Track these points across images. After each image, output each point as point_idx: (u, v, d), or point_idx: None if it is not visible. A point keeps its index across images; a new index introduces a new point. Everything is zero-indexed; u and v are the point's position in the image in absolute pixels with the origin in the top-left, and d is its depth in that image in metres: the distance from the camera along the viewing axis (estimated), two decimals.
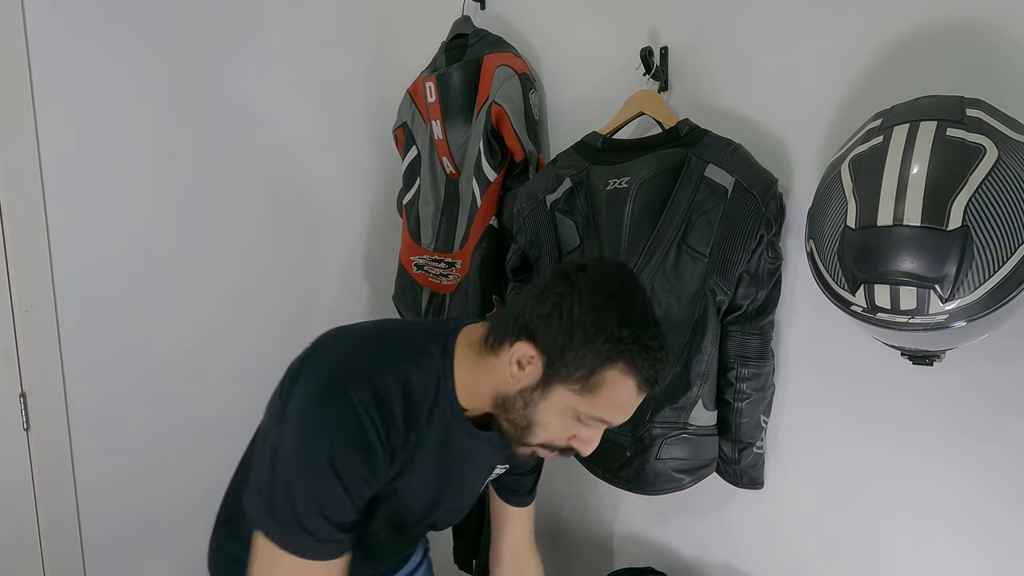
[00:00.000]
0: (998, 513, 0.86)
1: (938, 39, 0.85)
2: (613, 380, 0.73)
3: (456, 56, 1.39)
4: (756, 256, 0.97)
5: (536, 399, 0.76)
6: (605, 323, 0.72)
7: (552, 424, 0.77)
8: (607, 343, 0.72)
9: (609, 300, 0.74)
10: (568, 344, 0.73)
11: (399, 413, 0.75)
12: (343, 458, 0.72)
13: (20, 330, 1.25)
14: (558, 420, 0.76)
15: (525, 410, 0.77)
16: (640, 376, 0.74)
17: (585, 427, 0.78)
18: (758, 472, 1.06)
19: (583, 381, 0.73)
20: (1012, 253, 0.65)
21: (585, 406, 0.75)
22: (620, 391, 0.74)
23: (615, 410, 0.76)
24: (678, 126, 1.04)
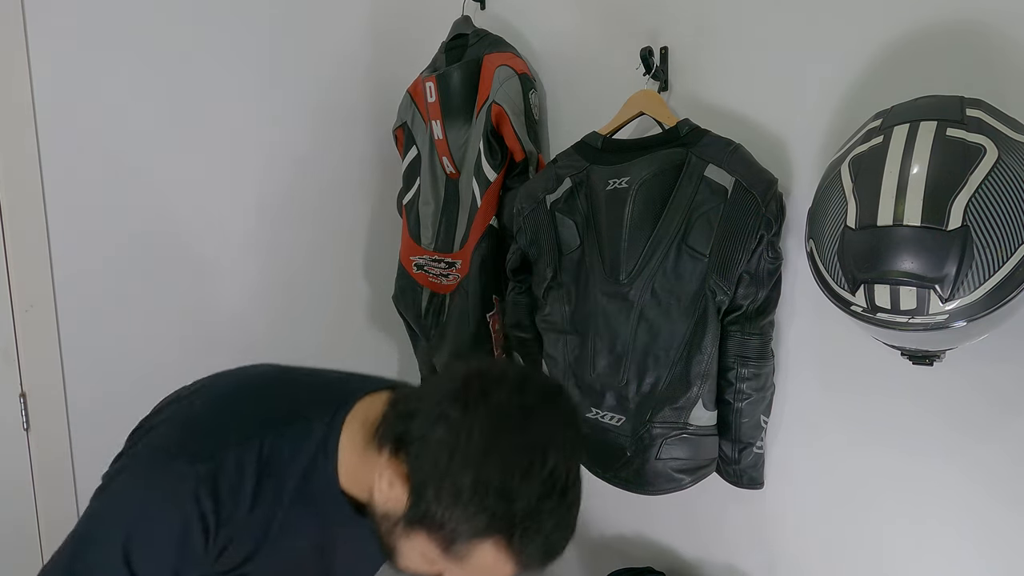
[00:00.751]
0: (998, 513, 0.86)
1: (938, 39, 0.85)
2: (484, 554, 0.58)
3: (456, 56, 1.39)
4: (756, 256, 0.97)
5: (398, 532, 0.62)
6: (488, 484, 0.56)
7: (415, 562, 0.64)
8: (483, 513, 0.56)
9: (507, 451, 0.57)
10: (438, 494, 0.57)
11: (248, 492, 0.63)
12: (139, 546, 0.60)
13: (20, 330, 1.25)
14: (421, 562, 0.63)
15: (388, 536, 0.64)
16: (519, 558, 0.59)
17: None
18: (758, 472, 1.06)
19: (448, 542, 0.59)
20: (1012, 253, 0.65)
21: (447, 567, 0.61)
22: (492, 568, 0.60)
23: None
24: (678, 126, 1.04)
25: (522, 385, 0.61)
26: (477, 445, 0.57)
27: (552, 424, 0.61)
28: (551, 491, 0.58)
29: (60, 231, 1.27)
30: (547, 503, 0.57)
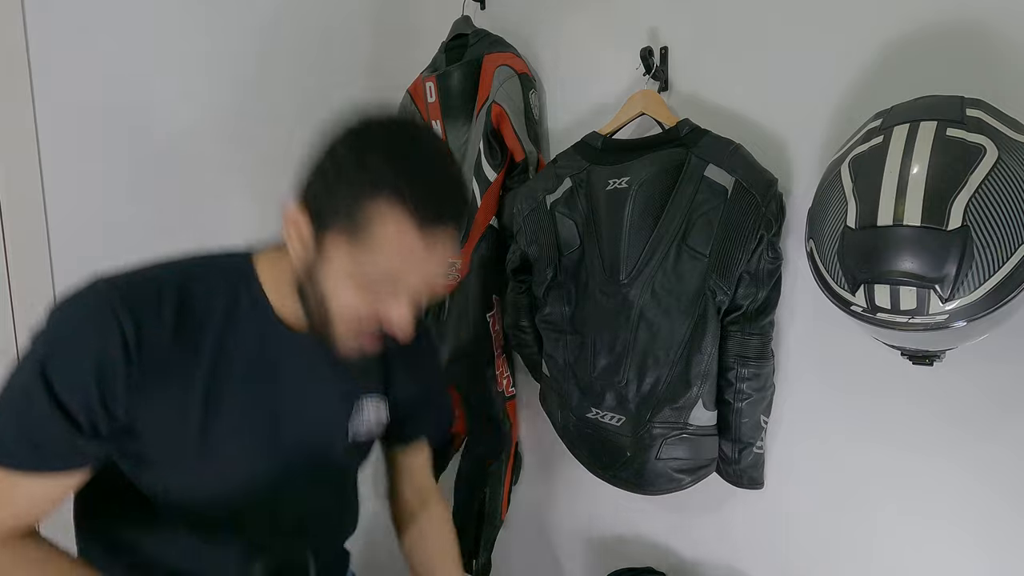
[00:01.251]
0: (999, 512, 0.86)
1: (938, 39, 0.85)
2: (381, 216, 0.60)
3: (456, 56, 1.39)
4: (756, 256, 0.97)
5: (317, 265, 0.65)
6: (367, 153, 0.61)
7: (343, 295, 0.64)
8: (366, 172, 0.61)
9: (377, 133, 0.63)
10: (324, 185, 0.63)
11: (169, 315, 0.64)
12: (57, 363, 0.60)
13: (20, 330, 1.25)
14: (347, 290, 0.64)
15: (313, 285, 0.65)
16: (413, 207, 0.60)
17: (385, 298, 0.65)
18: (758, 472, 1.06)
19: (348, 223, 0.61)
20: (1012, 253, 0.65)
21: (363, 260, 0.62)
22: (395, 230, 0.60)
23: (399, 259, 0.62)
24: (678, 126, 1.04)
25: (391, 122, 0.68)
26: (354, 139, 0.64)
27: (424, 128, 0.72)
28: (427, 150, 0.65)
29: (60, 231, 1.27)
30: (425, 159, 0.64)
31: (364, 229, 0.61)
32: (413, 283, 0.65)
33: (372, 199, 0.61)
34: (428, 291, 0.67)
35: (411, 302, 0.66)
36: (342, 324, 0.67)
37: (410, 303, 0.66)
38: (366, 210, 0.61)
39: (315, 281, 0.66)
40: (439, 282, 0.67)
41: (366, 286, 0.64)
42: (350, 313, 0.66)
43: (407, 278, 0.64)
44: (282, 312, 0.71)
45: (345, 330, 0.67)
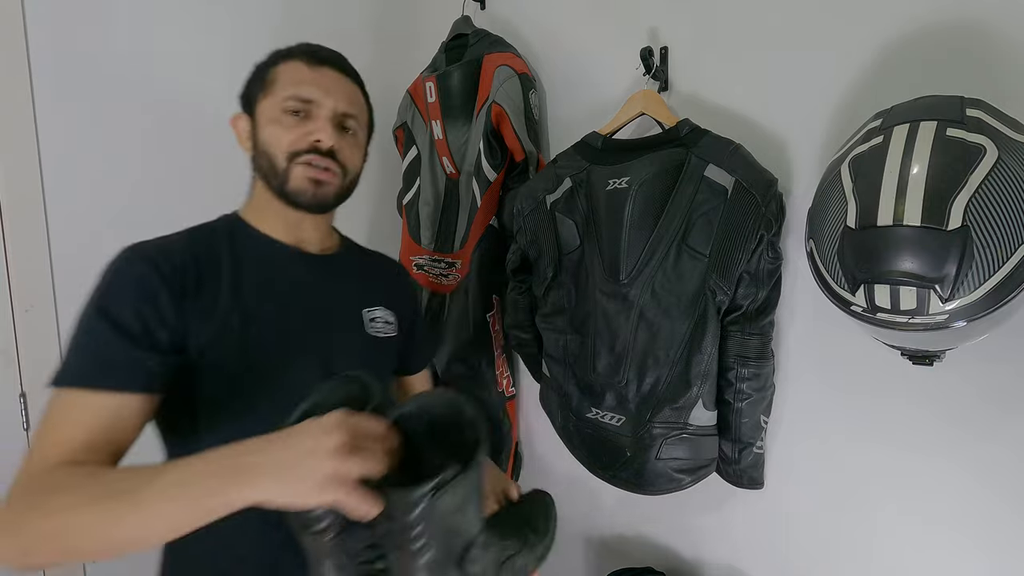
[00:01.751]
0: (1000, 511, 0.86)
1: (938, 39, 0.85)
2: (281, 70, 0.84)
3: (456, 56, 1.39)
4: (756, 256, 0.97)
5: (256, 133, 0.84)
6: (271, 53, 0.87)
7: (273, 132, 0.82)
8: (269, 56, 0.87)
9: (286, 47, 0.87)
10: (247, 83, 0.87)
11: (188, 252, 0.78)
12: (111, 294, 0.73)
13: (20, 330, 1.25)
14: (277, 126, 0.82)
15: (258, 149, 0.84)
16: (299, 55, 0.84)
17: (304, 121, 0.82)
18: (758, 472, 1.06)
19: (263, 88, 0.84)
20: (1012, 253, 0.65)
21: (277, 100, 0.82)
22: (292, 72, 0.83)
23: (301, 86, 0.82)
24: (678, 126, 1.04)
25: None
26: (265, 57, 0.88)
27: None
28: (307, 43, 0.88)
29: (60, 231, 1.27)
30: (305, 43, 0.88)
31: (272, 83, 0.83)
32: (318, 100, 0.82)
33: (274, 65, 0.85)
34: (338, 120, 0.84)
35: (327, 122, 0.82)
36: (282, 155, 0.82)
37: (326, 122, 0.82)
38: (271, 73, 0.84)
39: (258, 145, 0.84)
40: (340, 107, 0.84)
41: (286, 116, 0.82)
42: (285, 142, 0.81)
43: (311, 95, 0.82)
44: (269, 232, 0.87)
45: (288, 159, 0.82)
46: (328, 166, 0.82)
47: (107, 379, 0.68)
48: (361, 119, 0.89)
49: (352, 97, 0.87)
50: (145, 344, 0.70)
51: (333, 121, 0.83)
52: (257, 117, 0.84)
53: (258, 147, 0.84)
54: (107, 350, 0.69)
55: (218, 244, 0.83)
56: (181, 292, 0.74)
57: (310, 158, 0.81)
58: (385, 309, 0.94)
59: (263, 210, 0.87)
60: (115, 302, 0.71)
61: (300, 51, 0.85)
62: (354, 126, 0.87)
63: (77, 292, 1.29)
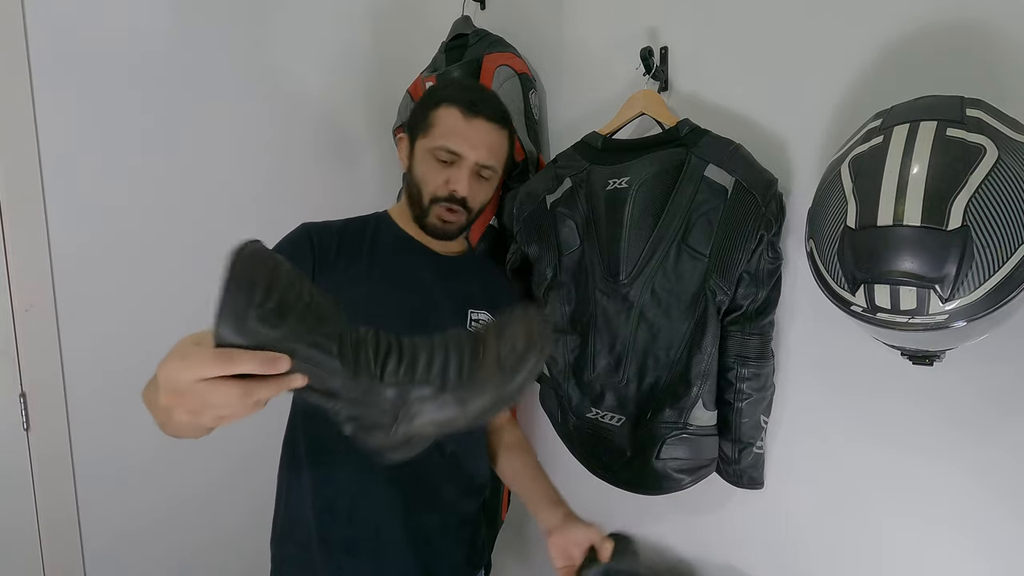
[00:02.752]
0: (999, 512, 0.86)
1: (938, 39, 0.85)
2: (441, 116, 1.00)
3: (456, 56, 1.39)
4: (756, 256, 0.97)
5: (412, 162, 1.04)
6: (433, 90, 1.05)
7: (423, 168, 1.01)
8: (431, 97, 1.04)
9: (443, 82, 1.09)
10: (412, 112, 1.06)
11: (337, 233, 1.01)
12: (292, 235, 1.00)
13: (20, 330, 1.25)
14: (427, 167, 1.01)
15: (411, 174, 1.04)
16: (457, 102, 1.00)
17: (447, 167, 1.00)
18: (758, 472, 1.06)
19: (424, 126, 1.02)
20: (1012, 253, 0.65)
21: (432, 141, 1.00)
22: (450, 120, 1.00)
23: (453, 138, 0.99)
24: (678, 126, 1.04)
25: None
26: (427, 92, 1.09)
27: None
28: (466, 82, 1.16)
29: (60, 231, 1.27)
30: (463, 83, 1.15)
31: (432, 125, 1.01)
32: (464, 155, 1.00)
33: (435, 106, 1.02)
34: (476, 170, 1.02)
35: (467, 174, 1.01)
36: (427, 196, 1.02)
37: (466, 174, 1.01)
38: (432, 114, 1.02)
39: (412, 173, 1.04)
40: (481, 160, 1.01)
41: (436, 160, 1.00)
42: (430, 186, 1.01)
43: (459, 149, 1.00)
44: (407, 230, 1.08)
45: (430, 201, 1.02)
46: (456, 209, 1.02)
47: None
48: (499, 162, 1.06)
49: (494, 147, 1.04)
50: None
51: (472, 172, 1.02)
52: (415, 149, 1.04)
53: (412, 174, 1.05)
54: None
55: (364, 230, 1.04)
56: (322, 259, 0.96)
57: (446, 205, 1.02)
58: (489, 312, 1.08)
59: (405, 213, 1.08)
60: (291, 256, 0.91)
61: (460, 99, 1.01)
62: (489, 173, 1.05)
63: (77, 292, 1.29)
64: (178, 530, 1.47)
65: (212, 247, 1.45)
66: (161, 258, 1.39)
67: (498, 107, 1.05)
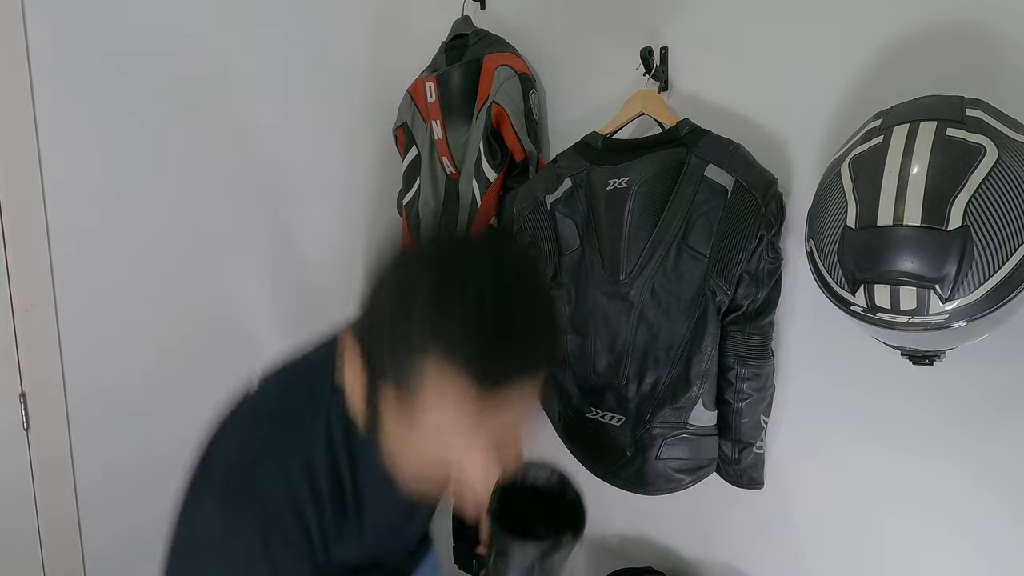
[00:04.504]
0: (999, 512, 0.86)
1: (938, 39, 0.85)
2: (433, 378, 0.49)
3: (456, 56, 1.39)
4: (756, 256, 0.97)
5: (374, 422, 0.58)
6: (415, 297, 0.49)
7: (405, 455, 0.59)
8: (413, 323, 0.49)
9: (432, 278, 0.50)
10: (369, 326, 0.52)
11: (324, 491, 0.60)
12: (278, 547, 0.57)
13: (20, 330, 1.25)
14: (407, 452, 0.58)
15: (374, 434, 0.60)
16: (471, 367, 0.48)
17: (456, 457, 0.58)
18: (758, 472, 1.06)
19: (401, 385, 0.51)
20: (1012, 253, 0.65)
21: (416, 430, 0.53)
22: (448, 395, 0.50)
23: (456, 432, 0.53)
24: (678, 126, 1.04)
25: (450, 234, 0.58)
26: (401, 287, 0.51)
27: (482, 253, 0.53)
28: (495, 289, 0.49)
29: (60, 231, 1.27)
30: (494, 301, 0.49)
31: (416, 394, 0.51)
32: (485, 445, 0.55)
33: (423, 358, 0.49)
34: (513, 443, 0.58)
35: (490, 458, 0.55)
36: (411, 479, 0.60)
37: (489, 460, 0.55)
38: (417, 372, 0.50)
39: (375, 432, 0.58)
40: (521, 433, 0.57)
41: (426, 454, 0.56)
42: (417, 472, 0.58)
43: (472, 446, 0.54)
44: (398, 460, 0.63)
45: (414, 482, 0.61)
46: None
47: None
48: None
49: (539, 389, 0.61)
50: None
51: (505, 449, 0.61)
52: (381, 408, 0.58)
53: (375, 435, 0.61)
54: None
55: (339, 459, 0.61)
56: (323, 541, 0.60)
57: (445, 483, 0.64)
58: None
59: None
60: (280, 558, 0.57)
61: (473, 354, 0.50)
62: None
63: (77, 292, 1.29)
64: None
65: (212, 247, 1.46)
66: (161, 258, 1.39)
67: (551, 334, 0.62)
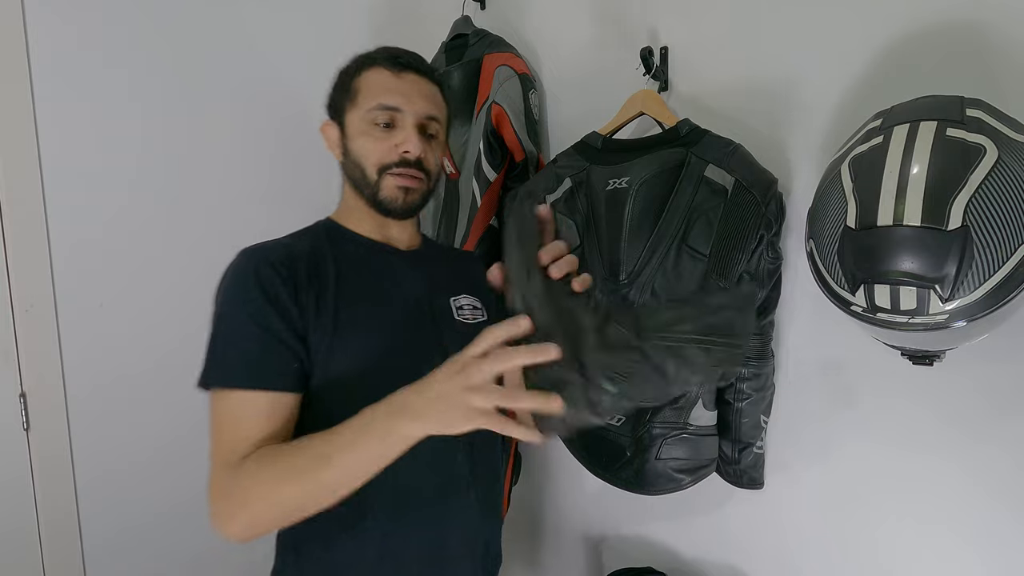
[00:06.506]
0: (998, 512, 0.86)
1: (938, 39, 0.85)
2: (366, 80, 0.86)
3: (456, 56, 1.39)
4: (756, 256, 0.97)
5: (346, 143, 0.88)
6: (346, 66, 0.90)
7: (364, 144, 0.86)
8: (347, 71, 0.89)
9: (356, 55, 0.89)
10: (333, 90, 0.91)
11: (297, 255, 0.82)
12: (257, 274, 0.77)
13: (20, 330, 1.25)
14: (366, 138, 0.86)
15: (348, 157, 0.88)
16: (382, 61, 0.86)
17: (388, 132, 0.86)
18: (758, 472, 1.06)
19: (350, 97, 0.87)
20: (1012, 253, 0.65)
21: (363, 111, 0.85)
22: (376, 80, 0.86)
23: (387, 93, 0.85)
24: (678, 126, 1.04)
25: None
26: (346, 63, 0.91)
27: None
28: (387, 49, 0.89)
29: (60, 231, 1.27)
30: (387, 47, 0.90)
31: (358, 92, 0.86)
32: (403, 108, 0.85)
33: (358, 74, 0.87)
34: (422, 124, 0.87)
35: (413, 130, 0.86)
36: (373, 168, 0.86)
37: (412, 131, 0.85)
38: (356, 83, 0.87)
39: (349, 154, 0.88)
40: (423, 112, 0.87)
41: (374, 127, 0.85)
42: (375, 156, 0.86)
43: (396, 102, 0.85)
44: (365, 233, 0.91)
45: (378, 171, 0.86)
46: (415, 174, 0.87)
47: (273, 381, 0.75)
48: (441, 118, 0.92)
49: (433, 98, 0.90)
50: (293, 347, 0.77)
51: (418, 128, 0.87)
52: (347, 127, 0.88)
53: (349, 156, 0.88)
54: (266, 353, 0.75)
55: (321, 246, 0.87)
56: (296, 296, 0.79)
57: (400, 170, 0.86)
58: (471, 296, 0.97)
59: (354, 212, 0.92)
60: (253, 305, 0.76)
61: (383, 57, 0.87)
62: (436, 128, 0.90)
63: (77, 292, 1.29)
64: (178, 530, 1.47)
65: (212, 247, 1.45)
66: (161, 258, 1.39)
67: (424, 62, 0.92)
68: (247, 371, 0.75)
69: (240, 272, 0.80)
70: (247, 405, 0.74)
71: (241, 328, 0.76)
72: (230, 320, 0.77)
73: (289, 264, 0.80)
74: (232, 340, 0.76)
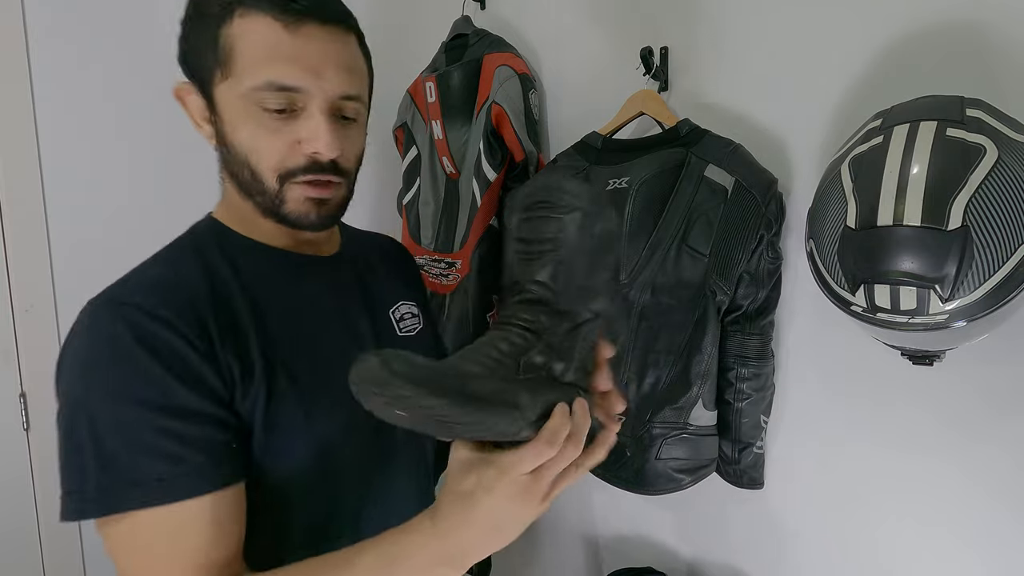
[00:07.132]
0: (998, 513, 0.86)
1: (938, 39, 0.85)
2: (243, 30, 0.56)
3: (456, 56, 1.39)
4: (756, 256, 0.97)
5: (221, 127, 0.60)
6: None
7: (255, 138, 0.59)
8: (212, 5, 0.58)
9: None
10: (191, 32, 0.60)
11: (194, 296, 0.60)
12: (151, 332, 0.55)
13: (20, 330, 1.25)
14: (255, 128, 0.59)
15: (229, 150, 0.61)
16: (267, 10, 0.56)
17: (286, 119, 0.59)
18: (758, 472, 1.06)
19: (219, 60, 0.57)
20: (1012, 253, 0.65)
21: (248, 87, 0.57)
22: (261, 36, 0.56)
23: (280, 63, 0.57)
24: (678, 126, 1.04)
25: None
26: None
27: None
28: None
29: (60, 231, 1.27)
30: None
31: (231, 52, 0.57)
32: (308, 89, 0.58)
33: (227, 17, 0.57)
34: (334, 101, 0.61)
35: (323, 120, 0.59)
36: (270, 173, 0.61)
37: (322, 121, 0.59)
38: (226, 32, 0.57)
39: (230, 146, 0.61)
40: (338, 90, 0.60)
41: (264, 114, 0.58)
42: (271, 155, 0.60)
43: (298, 82, 0.57)
44: (267, 240, 0.67)
45: (279, 180, 0.61)
46: (330, 180, 0.63)
47: (212, 478, 0.55)
48: (363, 92, 0.66)
49: (351, 63, 0.63)
50: (223, 421, 0.57)
51: (330, 113, 0.61)
52: (218, 104, 0.61)
53: (229, 149, 0.62)
54: (191, 446, 0.54)
55: (218, 270, 0.63)
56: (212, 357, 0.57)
57: (309, 177, 0.61)
58: (407, 301, 0.80)
59: (247, 212, 0.66)
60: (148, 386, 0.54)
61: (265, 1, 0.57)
62: (356, 108, 0.64)
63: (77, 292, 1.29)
64: None
65: None
66: None
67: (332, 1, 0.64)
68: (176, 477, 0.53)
69: (106, 340, 0.56)
70: (182, 518, 0.53)
71: (138, 422, 0.53)
72: (116, 416, 0.53)
73: (185, 312, 0.57)
74: (132, 441, 0.53)
